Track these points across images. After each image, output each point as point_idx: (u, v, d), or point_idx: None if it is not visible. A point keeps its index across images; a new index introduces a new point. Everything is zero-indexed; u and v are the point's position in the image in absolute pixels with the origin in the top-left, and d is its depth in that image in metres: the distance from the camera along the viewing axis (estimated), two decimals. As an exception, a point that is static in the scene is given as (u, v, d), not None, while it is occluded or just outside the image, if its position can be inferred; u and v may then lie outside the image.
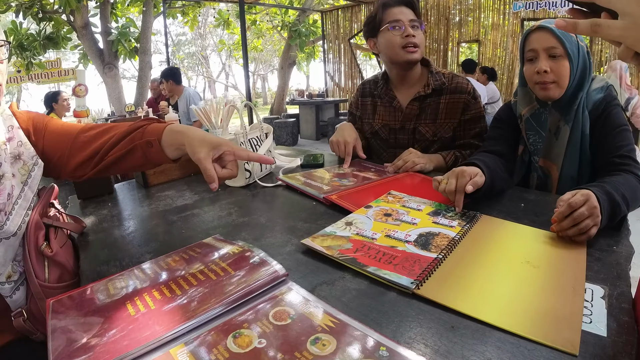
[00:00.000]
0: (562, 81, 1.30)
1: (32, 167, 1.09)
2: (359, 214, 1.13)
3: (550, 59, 1.30)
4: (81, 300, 0.78)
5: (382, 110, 1.82)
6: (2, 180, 1.01)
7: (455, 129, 1.71)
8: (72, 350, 0.62)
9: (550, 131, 1.40)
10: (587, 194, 0.95)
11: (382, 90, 1.80)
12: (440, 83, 1.68)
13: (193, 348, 0.62)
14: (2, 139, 1.04)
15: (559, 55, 1.29)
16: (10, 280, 1.03)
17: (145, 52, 10.10)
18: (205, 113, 1.87)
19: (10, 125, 1.08)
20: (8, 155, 1.04)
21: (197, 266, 0.87)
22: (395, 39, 1.62)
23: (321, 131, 9.88)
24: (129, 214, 1.34)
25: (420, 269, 0.83)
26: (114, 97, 10.06)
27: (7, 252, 1.02)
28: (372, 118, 1.86)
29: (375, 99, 1.86)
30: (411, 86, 1.75)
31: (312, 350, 0.60)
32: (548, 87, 1.31)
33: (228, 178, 1.01)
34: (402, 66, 1.70)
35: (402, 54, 1.63)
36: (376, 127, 1.84)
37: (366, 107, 1.89)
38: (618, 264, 0.87)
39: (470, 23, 9.01)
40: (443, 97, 1.69)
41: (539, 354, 0.61)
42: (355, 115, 1.95)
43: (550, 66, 1.29)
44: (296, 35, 11.88)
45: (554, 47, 1.28)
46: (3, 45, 1.04)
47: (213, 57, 34.80)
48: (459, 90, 1.67)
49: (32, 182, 1.08)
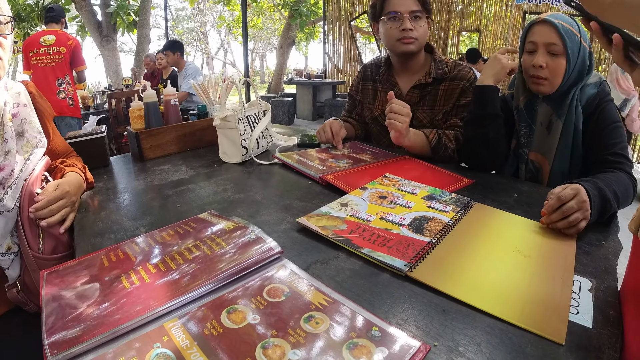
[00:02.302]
0: (556, 79, 1.30)
1: (35, 145, 1.10)
2: (354, 195, 1.14)
3: (549, 54, 1.30)
4: (75, 272, 0.78)
5: (382, 96, 1.81)
6: (8, 156, 1.01)
7: (448, 113, 1.68)
8: (65, 322, 0.62)
9: (542, 125, 1.40)
10: (577, 188, 0.97)
11: (383, 76, 1.79)
12: (442, 72, 1.66)
13: (187, 322, 0.63)
14: (8, 116, 1.04)
15: (557, 52, 1.28)
16: (10, 252, 1.04)
17: (144, 26, 9.96)
18: (204, 88, 1.86)
19: (16, 103, 1.09)
20: (13, 132, 1.04)
21: (192, 241, 0.87)
22: (392, 31, 1.60)
23: (318, 112, 9.84)
24: (124, 187, 1.34)
25: (414, 252, 0.83)
26: (111, 70, 9.95)
27: (7, 224, 1.02)
28: (373, 103, 1.85)
29: (376, 84, 1.84)
30: (413, 73, 1.73)
31: (306, 328, 0.61)
32: (540, 82, 1.32)
33: None
34: (399, 56, 1.69)
35: (398, 46, 1.62)
36: (376, 113, 1.83)
37: (367, 91, 1.88)
38: (606, 258, 0.88)
39: (472, 12, 8.95)
40: (443, 85, 1.67)
41: (526, 341, 0.62)
42: (356, 99, 1.94)
43: (547, 62, 1.29)
44: (297, 15, 11.75)
45: (554, 43, 1.28)
46: (9, 22, 1.05)
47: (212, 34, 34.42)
48: (458, 78, 1.65)
49: (34, 158, 1.09)
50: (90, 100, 5.45)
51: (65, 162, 1.26)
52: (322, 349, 0.57)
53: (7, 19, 1.04)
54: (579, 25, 1.29)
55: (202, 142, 1.84)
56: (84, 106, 5.11)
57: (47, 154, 1.20)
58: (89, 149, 1.50)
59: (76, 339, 0.58)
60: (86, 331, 0.59)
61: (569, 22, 1.29)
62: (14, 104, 1.09)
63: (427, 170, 1.45)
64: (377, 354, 0.56)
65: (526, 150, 1.46)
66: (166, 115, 1.76)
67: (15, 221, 1.05)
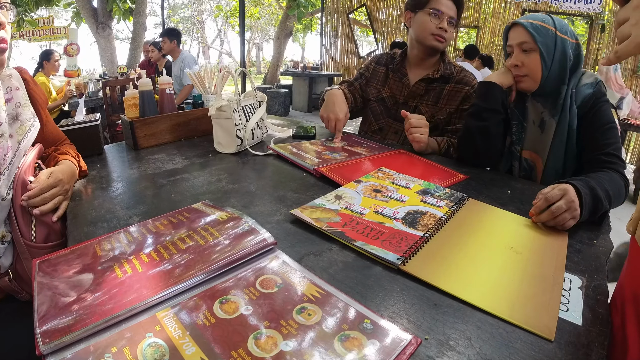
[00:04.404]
0: (534, 74, 1.35)
1: (29, 128, 1.09)
2: (348, 188, 1.14)
3: (523, 53, 1.36)
4: (67, 261, 0.78)
5: (392, 82, 1.90)
6: (1, 139, 1.01)
7: (451, 114, 1.78)
8: (57, 311, 0.62)
9: (534, 123, 1.42)
10: (565, 188, 0.98)
11: (396, 66, 1.87)
12: (449, 72, 1.77)
13: (179, 312, 0.63)
14: (2, 100, 1.04)
15: (529, 49, 1.34)
16: (4, 240, 1.04)
17: (140, 14, 9.86)
18: (200, 78, 1.85)
19: (8, 87, 1.08)
20: (6, 115, 1.04)
21: (185, 231, 0.87)
22: (430, 25, 1.69)
23: (313, 104, 9.83)
24: (117, 176, 1.33)
25: (407, 246, 0.84)
26: (106, 58, 9.85)
27: (1, 212, 1.02)
28: (382, 85, 1.93)
29: (388, 70, 1.92)
30: (424, 69, 1.82)
31: (298, 319, 0.61)
32: (521, 80, 1.39)
33: None
34: (425, 49, 1.77)
35: (430, 39, 1.71)
36: (384, 94, 1.91)
37: (378, 73, 1.96)
38: (597, 257, 0.89)
39: (471, 9, 8.93)
40: (448, 85, 1.77)
41: (516, 337, 0.62)
42: (363, 74, 2.01)
43: (522, 60, 1.36)
44: (295, 6, 11.67)
45: (524, 41, 1.34)
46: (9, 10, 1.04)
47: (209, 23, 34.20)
48: (463, 82, 1.76)
49: (27, 142, 1.08)
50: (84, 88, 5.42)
51: (59, 149, 1.25)
52: (314, 341, 0.57)
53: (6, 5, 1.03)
54: (555, 20, 1.34)
55: (196, 132, 1.83)
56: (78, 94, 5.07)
57: (41, 141, 1.19)
58: (82, 137, 1.49)
59: (68, 327, 0.58)
60: (78, 320, 0.59)
61: (541, 19, 1.35)
62: (7, 88, 1.08)
63: (421, 164, 1.46)
64: (368, 346, 0.56)
65: (518, 148, 1.48)
66: (161, 104, 1.75)
67: (8, 211, 1.04)
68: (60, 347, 0.56)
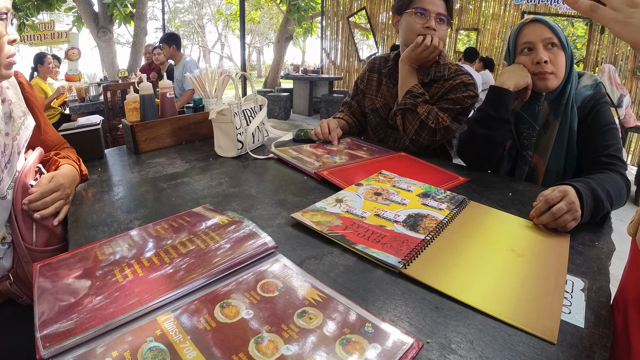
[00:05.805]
0: (560, 72, 1.32)
1: (22, 122, 1.09)
2: (349, 191, 1.14)
3: (548, 50, 1.32)
4: (68, 265, 0.77)
5: (385, 90, 1.83)
6: None
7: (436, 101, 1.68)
8: (58, 315, 0.62)
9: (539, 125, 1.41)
10: (565, 189, 0.98)
11: (389, 70, 1.81)
12: (440, 75, 1.68)
13: (180, 316, 0.63)
14: None
15: (556, 45, 1.31)
16: (4, 242, 1.04)
17: (140, 18, 9.90)
18: (200, 82, 1.85)
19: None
20: (2, 114, 1.04)
21: (186, 235, 0.87)
22: (416, 26, 1.61)
23: (314, 107, 9.82)
24: (118, 180, 1.33)
25: (408, 249, 0.83)
26: (107, 62, 9.89)
27: (1, 215, 1.02)
28: (375, 95, 1.87)
29: (381, 77, 1.86)
30: (419, 72, 1.73)
31: (299, 323, 0.61)
32: (547, 77, 1.32)
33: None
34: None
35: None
36: (377, 104, 1.86)
37: (372, 82, 1.90)
38: (599, 259, 0.89)
39: (470, 11, 8.93)
40: (437, 84, 1.69)
41: (518, 340, 0.62)
42: (359, 87, 1.97)
43: (548, 57, 1.31)
44: (295, 10, 11.69)
45: (550, 37, 1.30)
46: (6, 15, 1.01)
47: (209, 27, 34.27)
48: (452, 78, 1.66)
49: (21, 138, 1.08)
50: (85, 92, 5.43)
51: (60, 154, 1.25)
52: (315, 345, 0.57)
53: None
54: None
55: (197, 136, 1.83)
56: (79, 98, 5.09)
57: (40, 145, 1.19)
58: (83, 141, 1.49)
59: (69, 332, 0.58)
60: (79, 324, 0.59)
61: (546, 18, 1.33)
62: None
63: (422, 167, 1.45)
64: (369, 350, 0.56)
65: (530, 153, 1.44)
66: (162, 108, 1.75)
67: (9, 213, 1.04)
68: (61, 352, 0.56)
